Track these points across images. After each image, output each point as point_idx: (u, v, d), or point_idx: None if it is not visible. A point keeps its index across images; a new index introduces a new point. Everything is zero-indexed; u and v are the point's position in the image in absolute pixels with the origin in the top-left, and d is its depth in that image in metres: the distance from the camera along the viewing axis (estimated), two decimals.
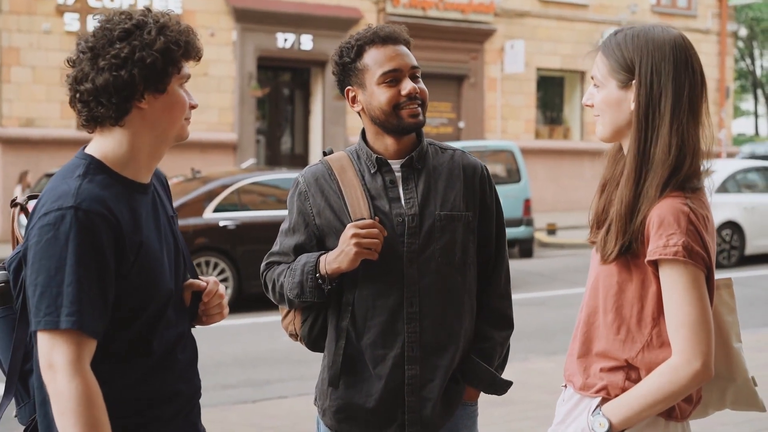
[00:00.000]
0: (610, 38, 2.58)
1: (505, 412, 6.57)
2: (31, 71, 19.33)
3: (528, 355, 8.72)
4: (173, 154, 18.12)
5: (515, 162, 16.31)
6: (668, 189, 2.44)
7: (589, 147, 26.47)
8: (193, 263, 2.66)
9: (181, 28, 2.42)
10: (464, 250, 2.99)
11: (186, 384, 2.54)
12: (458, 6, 24.04)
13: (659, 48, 2.48)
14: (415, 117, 2.94)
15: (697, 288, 2.39)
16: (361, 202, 2.93)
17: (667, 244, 2.38)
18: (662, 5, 27.95)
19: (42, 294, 2.21)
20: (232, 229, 11.92)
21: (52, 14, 19.56)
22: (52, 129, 18.90)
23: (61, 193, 2.28)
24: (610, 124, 2.56)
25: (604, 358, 2.54)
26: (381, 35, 2.96)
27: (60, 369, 2.20)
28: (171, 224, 2.57)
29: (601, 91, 2.57)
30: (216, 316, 2.63)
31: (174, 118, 2.43)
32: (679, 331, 2.39)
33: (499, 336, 3.08)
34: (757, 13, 42.09)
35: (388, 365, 2.94)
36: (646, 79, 2.47)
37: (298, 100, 24.00)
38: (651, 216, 2.43)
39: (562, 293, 13.08)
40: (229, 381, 8.18)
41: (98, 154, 2.39)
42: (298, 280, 2.95)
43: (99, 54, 2.34)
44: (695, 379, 2.39)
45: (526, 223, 15.73)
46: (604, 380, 2.52)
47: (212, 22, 21.25)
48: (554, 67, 26.20)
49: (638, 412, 2.44)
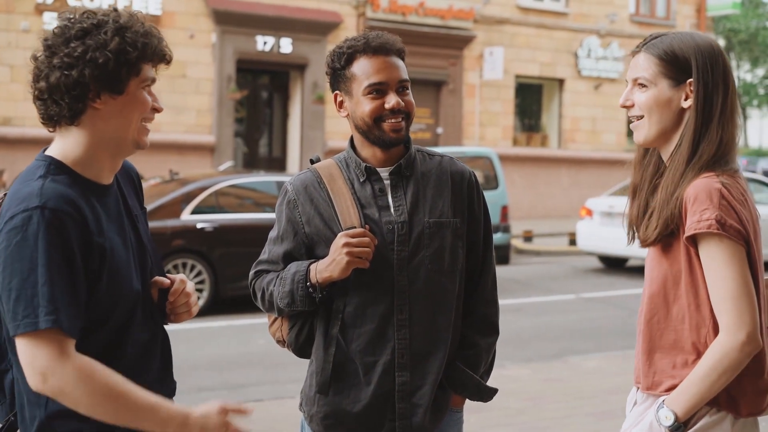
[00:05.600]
0: (655, 41, 2.66)
1: (481, 419, 6.58)
2: (8, 70, 19.22)
3: (503, 362, 8.72)
4: (151, 156, 18.20)
5: (493, 168, 16.34)
6: (703, 171, 2.53)
7: (566, 155, 26.59)
8: (160, 261, 2.63)
9: (143, 30, 2.37)
10: (453, 256, 3.00)
11: (161, 386, 2.52)
12: (438, 12, 24.08)
13: (708, 50, 2.61)
14: (397, 131, 2.93)
15: (736, 261, 2.45)
16: (351, 210, 2.93)
17: (700, 219, 2.46)
18: (641, 14, 28.10)
19: (17, 297, 2.18)
20: (209, 232, 11.88)
21: (31, 13, 19.46)
22: (29, 128, 18.78)
23: (24, 195, 2.25)
24: (658, 124, 2.64)
25: (672, 350, 2.60)
26: (372, 45, 2.93)
27: (46, 370, 2.17)
28: (135, 223, 2.53)
29: (649, 92, 2.63)
30: (183, 314, 2.60)
31: (128, 120, 2.38)
32: (722, 305, 2.46)
33: (484, 343, 3.09)
34: (735, 24, 42.40)
35: (378, 372, 2.94)
36: (704, 77, 2.58)
37: (276, 104, 23.95)
38: (686, 195, 2.51)
39: (538, 300, 13.13)
40: (204, 384, 8.15)
41: (58, 155, 2.37)
42: (289, 289, 2.94)
43: (55, 52, 2.31)
44: (743, 351, 2.44)
45: (502, 229, 15.81)
46: (676, 378, 2.57)
47: (192, 24, 21.20)
48: (533, 74, 26.28)
49: (698, 396, 2.49)
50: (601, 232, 15.69)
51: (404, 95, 2.95)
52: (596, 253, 16.43)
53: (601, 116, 26.90)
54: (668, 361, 2.60)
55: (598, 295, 13.38)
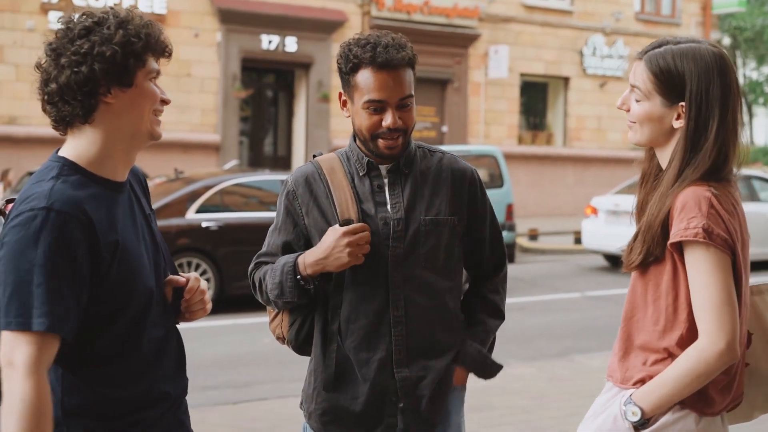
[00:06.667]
0: (655, 52, 2.60)
1: (485, 417, 6.59)
2: (14, 69, 19.25)
3: (507, 360, 8.72)
4: (156, 154, 18.21)
5: (498, 167, 16.34)
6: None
7: (571, 153, 26.57)
8: (172, 260, 2.66)
9: (143, 22, 2.40)
10: (449, 254, 3.01)
11: (174, 383, 2.55)
12: (443, 11, 24.08)
13: (707, 71, 2.53)
14: (392, 149, 2.93)
15: (721, 270, 2.44)
16: (349, 203, 2.93)
17: (687, 227, 2.44)
18: (647, 13, 28.07)
19: (12, 295, 2.20)
20: (214, 230, 11.90)
21: (36, 12, 19.50)
22: (35, 127, 18.81)
23: (34, 194, 2.27)
24: (649, 134, 2.63)
25: (645, 350, 2.59)
26: (378, 61, 2.86)
27: (18, 367, 2.18)
28: (149, 221, 2.56)
29: (643, 105, 2.60)
30: (199, 312, 2.62)
31: (140, 111, 2.40)
32: (703, 312, 2.44)
33: (491, 323, 3.12)
34: (740, 22, 42.30)
35: (373, 368, 2.95)
36: (696, 103, 2.52)
37: (281, 102, 23.98)
38: (675, 203, 2.49)
39: (543, 299, 13.12)
40: (209, 382, 8.16)
41: (71, 155, 2.38)
42: (278, 280, 2.95)
43: (61, 53, 2.33)
44: (720, 359, 2.43)
45: (508, 228, 15.80)
46: (644, 372, 2.57)
47: (197, 23, 21.21)
48: (538, 72, 26.27)
49: (668, 397, 2.49)
50: (606, 231, 15.67)
51: (404, 111, 2.92)
52: (601, 251, 16.39)
53: (607, 114, 26.86)
54: (641, 359, 2.59)
55: (603, 293, 13.36)
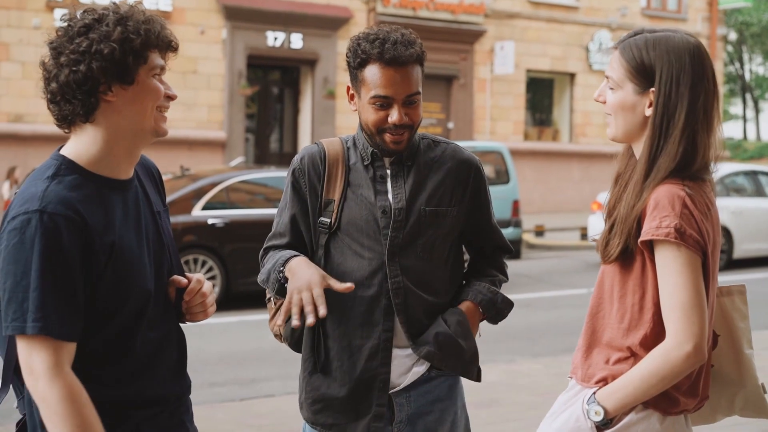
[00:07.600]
0: (629, 41, 2.58)
1: (492, 414, 6.57)
2: (20, 67, 19.27)
3: (514, 357, 8.69)
4: (162, 151, 18.21)
5: (504, 163, 16.32)
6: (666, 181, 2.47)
7: (577, 149, 26.54)
8: (180, 260, 2.64)
9: (144, 18, 2.37)
10: (446, 244, 3.03)
11: (172, 384, 2.53)
12: (448, 7, 24.05)
13: (678, 58, 2.49)
14: (397, 144, 2.94)
15: (691, 271, 2.40)
16: (336, 192, 2.98)
17: (659, 226, 2.40)
18: (653, 8, 28.01)
19: (9, 299, 2.21)
20: (220, 227, 11.91)
21: (42, 10, 19.50)
22: (40, 125, 18.83)
23: (29, 196, 2.26)
24: (623, 126, 2.59)
25: (608, 348, 2.56)
26: (386, 57, 2.87)
27: (40, 375, 2.19)
28: (157, 220, 2.54)
29: (616, 93, 2.58)
30: (199, 314, 2.60)
31: (143, 109, 2.38)
32: (672, 313, 2.41)
33: (499, 279, 3.15)
34: (747, 17, 42.24)
35: (364, 356, 2.96)
36: (665, 89, 2.49)
37: (287, 99, 23.98)
38: (648, 200, 2.46)
39: (549, 295, 13.11)
40: (215, 379, 8.17)
41: (71, 154, 2.37)
42: (269, 267, 2.99)
43: (61, 52, 2.32)
44: (687, 362, 2.39)
45: (514, 224, 15.74)
46: (606, 371, 2.54)
47: (202, 19, 21.22)
48: (543, 68, 26.24)
49: (632, 397, 2.45)
50: None
51: (411, 108, 2.93)
52: None
53: None
54: (603, 357, 2.57)
55: None
